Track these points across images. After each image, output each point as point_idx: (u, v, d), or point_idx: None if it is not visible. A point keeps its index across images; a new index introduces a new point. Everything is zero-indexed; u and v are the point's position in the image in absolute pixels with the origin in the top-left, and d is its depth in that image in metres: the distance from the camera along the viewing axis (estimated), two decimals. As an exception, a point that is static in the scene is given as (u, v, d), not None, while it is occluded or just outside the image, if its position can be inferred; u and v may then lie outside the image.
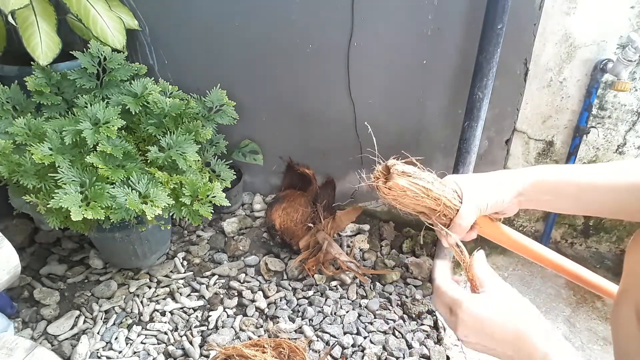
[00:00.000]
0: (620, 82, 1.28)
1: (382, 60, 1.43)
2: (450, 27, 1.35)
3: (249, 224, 1.64)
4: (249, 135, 1.64)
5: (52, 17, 1.21)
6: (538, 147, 1.55)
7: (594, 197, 0.62)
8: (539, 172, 0.66)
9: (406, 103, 1.50)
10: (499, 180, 0.67)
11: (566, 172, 0.65)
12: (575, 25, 1.31)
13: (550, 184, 0.65)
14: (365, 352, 1.22)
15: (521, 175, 0.66)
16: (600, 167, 0.63)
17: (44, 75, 1.20)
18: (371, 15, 1.35)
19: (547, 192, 0.65)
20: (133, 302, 1.33)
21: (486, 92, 1.30)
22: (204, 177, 1.23)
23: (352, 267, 1.43)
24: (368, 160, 1.64)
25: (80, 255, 1.46)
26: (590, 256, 1.69)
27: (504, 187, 0.65)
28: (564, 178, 0.64)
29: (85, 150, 1.12)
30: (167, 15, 1.41)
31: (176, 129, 1.23)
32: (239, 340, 1.24)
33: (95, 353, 1.19)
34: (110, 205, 1.03)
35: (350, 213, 1.57)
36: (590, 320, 1.43)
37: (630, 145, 1.49)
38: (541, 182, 0.65)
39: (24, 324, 1.26)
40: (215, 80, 1.40)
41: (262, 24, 1.40)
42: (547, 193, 0.65)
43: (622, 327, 0.56)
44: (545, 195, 0.65)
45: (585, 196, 0.63)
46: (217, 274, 1.44)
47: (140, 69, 1.31)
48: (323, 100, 1.54)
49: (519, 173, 0.67)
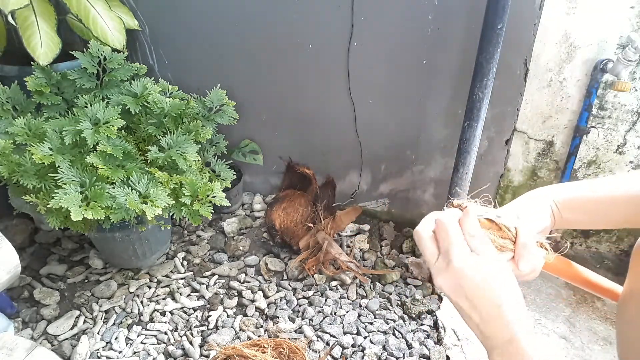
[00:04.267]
0: (620, 82, 1.28)
1: (382, 60, 1.43)
2: (450, 27, 1.35)
3: (249, 224, 1.64)
4: (249, 135, 1.64)
5: (52, 17, 1.21)
6: (538, 147, 1.55)
7: (616, 209, 0.63)
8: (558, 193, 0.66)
9: (406, 103, 1.50)
10: (528, 205, 0.66)
11: (582, 189, 0.66)
12: (575, 25, 1.31)
13: (575, 203, 0.65)
14: (365, 352, 1.22)
15: (541, 198, 0.66)
16: (612, 180, 0.64)
17: (44, 75, 1.20)
18: (371, 15, 1.35)
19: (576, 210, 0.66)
20: (133, 302, 1.33)
21: (486, 92, 1.30)
22: (204, 177, 1.23)
23: (352, 267, 1.43)
24: (368, 160, 1.64)
25: (80, 255, 1.46)
26: (591, 256, 1.69)
27: (536, 210, 0.65)
28: (583, 195, 0.65)
29: (85, 150, 1.12)
30: (167, 15, 1.41)
31: (176, 129, 1.23)
32: (239, 340, 1.24)
33: (95, 353, 1.19)
34: (110, 205, 1.03)
35: (350, 213, 1.57)
36: (590, 320, 1.43)
37: (630, 145, 1.49)
38: (567, 200, 0.65)
39: (24, 324, 1.26)
40: (215, 80, 1.40)
41: (262, 24, 1.40)
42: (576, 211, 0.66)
43: (629, 326, 0.56)
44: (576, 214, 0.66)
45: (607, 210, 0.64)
46: (217, 274, 1.44)
47: (140, 69, 1.31)
48: (323, 100, 1.54)
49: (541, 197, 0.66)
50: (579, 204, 0.65)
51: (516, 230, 0.57)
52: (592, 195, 0.64)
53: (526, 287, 1.53)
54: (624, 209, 0.63)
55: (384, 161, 1.65)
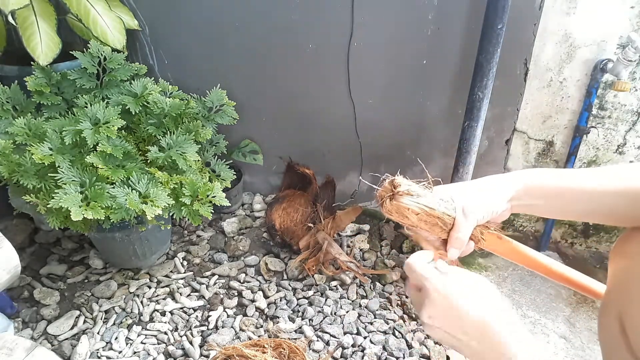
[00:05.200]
0: (620, 82, 1.28)
1: (382, 61, 1.43)
2: (450, 27, 1.35)
3: (249, 224, 1.64)
4: (249, 135, 1.64)
5: (52, 17, 1.21)
6: (538, 147, 1.55)
7: (584, 201, 0.62)
8: (530, 177, 0.65)
9: (406, 103, 1.50)
10: (491, 187, 0.66)
11: (556, 177, 0.64)
12: (575, 25, 1.31)
13: (542, 189, 0.64)
14: (365, 352, 1.22)
15: (512, 179, 0.66)
16: (590, 171, 0.63)
17: (44, 75, 1.20)
18: (371, 15, 1.35)
19: (538, 197, 0.65)
20: (133, 302, 1.33)
21: (486, 92, 1.30)
22: (204, 177, 1.23)
23: (352, 267, 1.43)
24: (368, 160, 1.64)
25: (80, 255, 1.46)
26: (590, 256, 1.69)
27: (497, 194, 0.65)
28: (554, 182, 0.64)
29: (85, 150, 1.12)
30: (167, 15, 1.41)
31: (176, 129, 1.23)
32: (239, 340, 1.24)
33: (95, 353, 1.19)
34: (110, 205, 1.03)
35: (350, 213, 1.57)
36: (590, 320, 1.43)
37: (630, 145, 1.49)
38: (532, 186, 0.65)
39: (24, 324, 1.26)
40: (215, 80, 1.40)
41: (262, 24, 1.40)
42: (538, 198, 0.65)
43: (607, 337, 0.55)
44: (536, 200, 0.65)
45: (575, 201, 0.63)
46: (217, 274, 1.44)
47: (140, 69, 1.31)
48: (323, 100, 1.54)
49: (510, 178, 0.66)
50: (541, 191, 0.65)
51: (454, 220, 0.63)
52: (559, 184, 0.63)
53: (526, 287, 1.53)
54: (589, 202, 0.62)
55: (384, 161, 1.65)
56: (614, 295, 0.57)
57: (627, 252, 0.58)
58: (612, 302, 0.56)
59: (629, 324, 0.51)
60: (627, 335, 0.51)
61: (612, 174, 0.61)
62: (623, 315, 0.52)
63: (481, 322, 0.54)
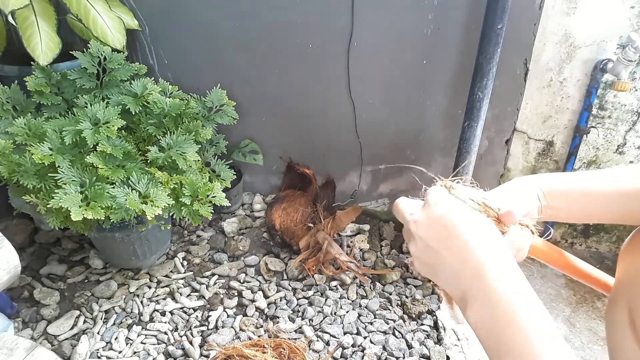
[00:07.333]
0: (620, 82, 1.28)
1: (382, 61, 1.43)
2: (450, 27, 1.35)
3: (249, 224, 1.64)
4: (249, 135, 1.64)
5: (52, 17, 1.21)
6: (538, 147, 1.55)
7: (602, 203, 0.62)
8: (546, 182, 0.64)
9: (406, 103, 1.50)
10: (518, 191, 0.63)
11: (570, 180, 0.64)
12: (575, 25, 1.32)
13: (560, 193, 0.64)
14: (365, 352, 1.22)
15: (531, 186, 0.64)
16: (603, 173, 0.63)
17: (44, 75, 1.20)
18: (371, 15, 1.35)
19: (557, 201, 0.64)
20: (133, 302, 1.33)
21: (486, 92, 1.30)
22: (204, 177, 1.23)
23: (352, 267, 1.43)
24: (368, 160, 1.64)
25: (80, 255, 1.46)
26: (590, 256, 1.69)
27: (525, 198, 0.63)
28: (570, 186, 0.63)
29: (85, 150, 1.12)
30: (167, 15, 1.41)
31: (176, 129, 1.23)
32: (239, 340, 1.24)
33: (95, 353, 1.19)
34: (110, 205, 1.03)
35: (350, 213, 1.57)
36: (590, 320, 1.43)
37: (630, 145, 1.49)
38: (550, 191, 0.64)
39: (24, 324, 1.26)
40: (215, 80, 1.40)
41: (262, 24, 1.40)
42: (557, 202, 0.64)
43: (615, 332, 0.56)
44: (557, 204, 0.64)
45: (593, 203, 0.63)
46: (217, 274, 1.44)
47: (140, 69, 1.31)
48: (323, 100, 1.54)
49: (528, 184, 0.64)
50: (562, 195, 0.63)
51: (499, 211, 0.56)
52: (578, 187, 0.63)
53: (526, 287, 1.53)
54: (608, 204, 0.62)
55: (384, 161, 1.65)
56: (624, 290, 0.58)
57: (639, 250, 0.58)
58: (621, 297, 0.57)
59: (639, 317, 0.51)
60: (637, 329, 0.51)
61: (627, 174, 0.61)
62: (633, 308, 0.53)
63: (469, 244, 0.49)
